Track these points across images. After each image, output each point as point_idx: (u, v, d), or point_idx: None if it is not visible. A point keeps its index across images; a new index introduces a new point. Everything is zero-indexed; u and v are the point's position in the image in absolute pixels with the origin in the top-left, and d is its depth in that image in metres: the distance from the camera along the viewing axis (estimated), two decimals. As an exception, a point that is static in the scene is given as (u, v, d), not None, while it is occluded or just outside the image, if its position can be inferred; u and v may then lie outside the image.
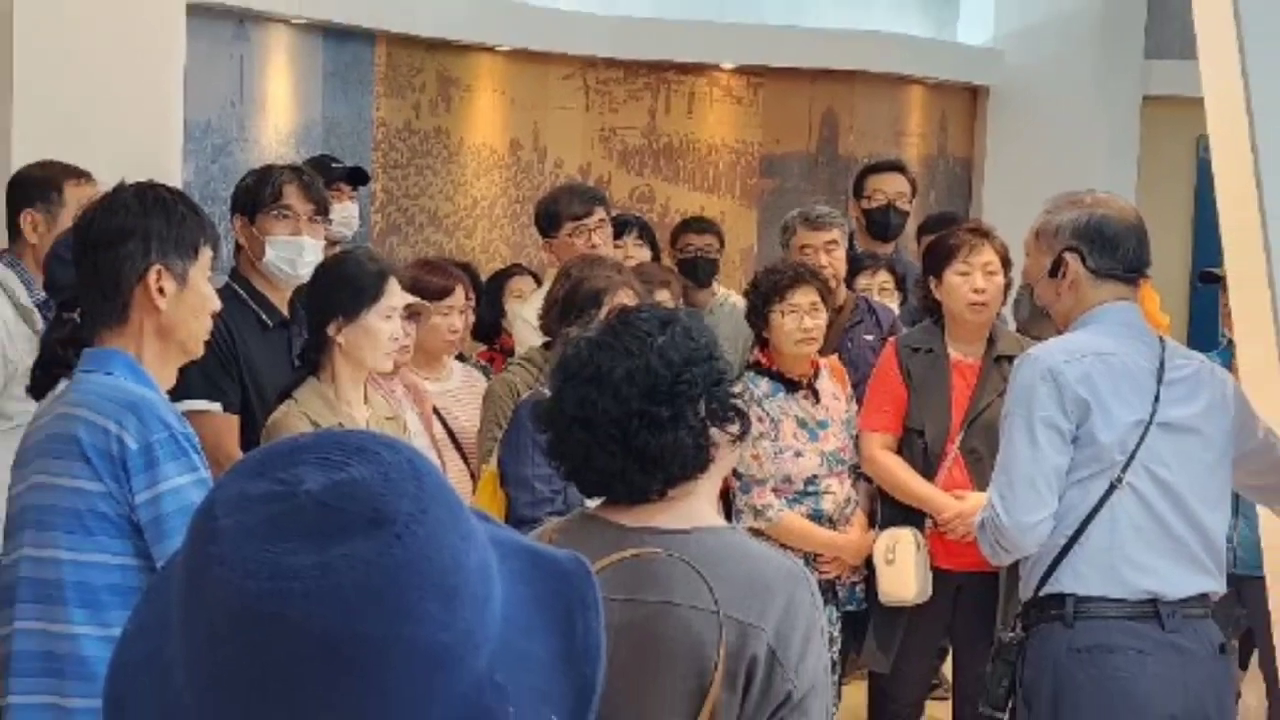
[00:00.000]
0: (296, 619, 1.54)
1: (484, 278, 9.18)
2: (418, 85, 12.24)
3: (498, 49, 12.68)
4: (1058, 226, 5.49)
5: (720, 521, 3.72)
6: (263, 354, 6.16)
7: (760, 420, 7.09)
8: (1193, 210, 14.77)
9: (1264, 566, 6.06)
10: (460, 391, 7.06)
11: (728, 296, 9.16)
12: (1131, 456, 5.26)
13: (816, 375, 7.44)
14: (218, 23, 10.51)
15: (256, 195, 6.52)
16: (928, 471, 7.34)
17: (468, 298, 7.42)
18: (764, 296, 7.40)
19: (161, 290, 4.33)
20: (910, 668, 7.62)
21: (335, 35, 11.58)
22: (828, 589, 7.18)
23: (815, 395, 7.40)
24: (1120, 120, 14.77)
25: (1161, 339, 5.48)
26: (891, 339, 7.75)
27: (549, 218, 8.22)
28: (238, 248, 6.56)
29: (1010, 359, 6.60)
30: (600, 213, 8.20)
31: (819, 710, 3.50)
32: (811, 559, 7.04)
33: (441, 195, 12.46)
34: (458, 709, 1.59)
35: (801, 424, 7.33)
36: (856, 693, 7.92)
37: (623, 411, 3.54)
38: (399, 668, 1.56)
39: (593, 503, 3.71)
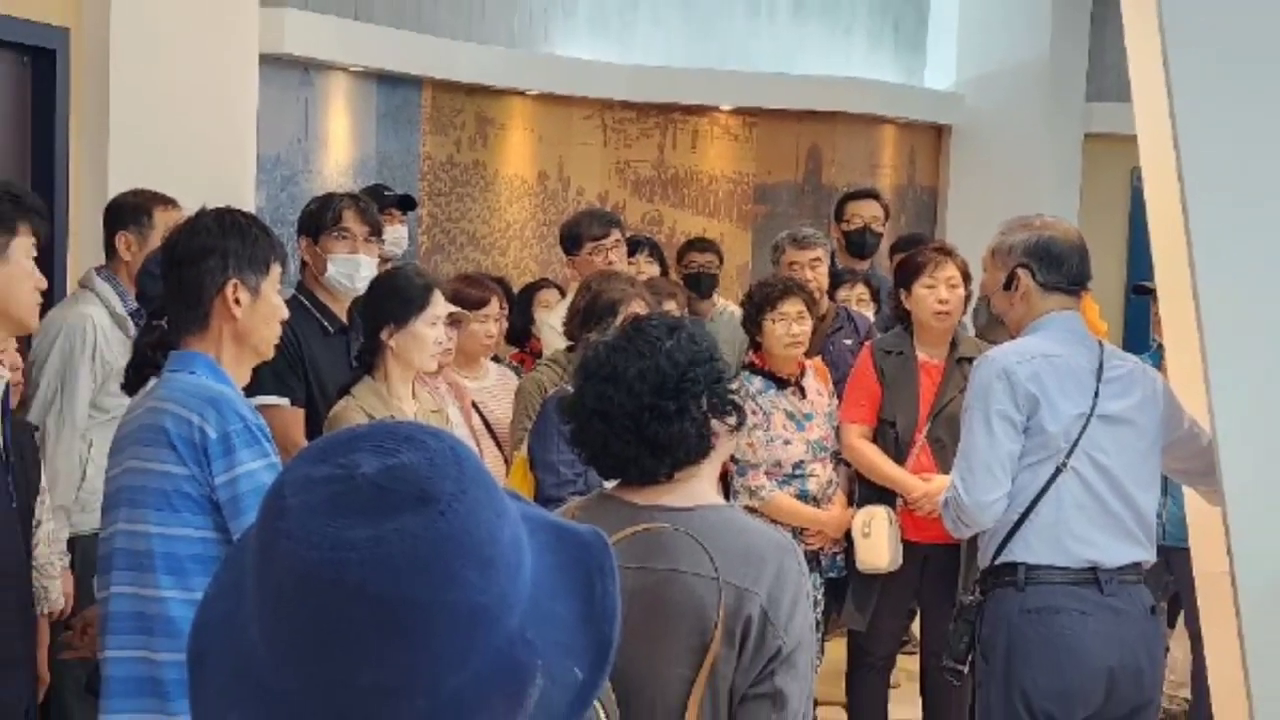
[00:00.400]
0: (353, 584, 1.56)
1: (516, 290, 9.15)
2: (458, 124, 12.22)
3: (527, 93, 12.65)
4: (1011, 246, 5.50)
5: (720, 500, 3.72)
6: (325, 356, 6.16)
7: (754, 413, 7.08)
8: (1127, 232, 14.73)
9: (1188, 539, 6.06)
10: (495, 388, 7.05)
11: (726, 307, 9.13)
12: (1075, 444, 5.27)
13: (803, 374, 7.43)
14: (286, 71, 10.51)
15: (319, 219, 6.53)
16: (899, 457, 7.32)
17: (501, 307, 7.42)
18: (757, 306, 7.39)
19: (238, 301, 4.34)
20: (884, 626, 7.60)
21: (387, 81, 11.57)
22: (812, 558, 7.17)
23: (802, 391, 7.39)
24: (1065, 154, 14.75)
25: (1100, 343, 5.48)
26: (868, 343, 7.73)
27: (572, 238, 8.22)
28: (303, 264, 6.56)
29: (970, 360, 6.57)
30: (616, 234, 8.19)
31: (805, 663, 3.50)
32: (798, 532, 7.03)
33: (479, 219, 12.44)
34: (493, 661, 1.60)
35: (790, 416, 7.32)
36: (837, 648, 7.91)
37: (635, 405, 3.54)
38: (442, 626, 1.58)
39: (610, 484, 3.71)
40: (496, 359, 7.55)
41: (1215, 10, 4.64)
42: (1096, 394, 5.30)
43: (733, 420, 3.67)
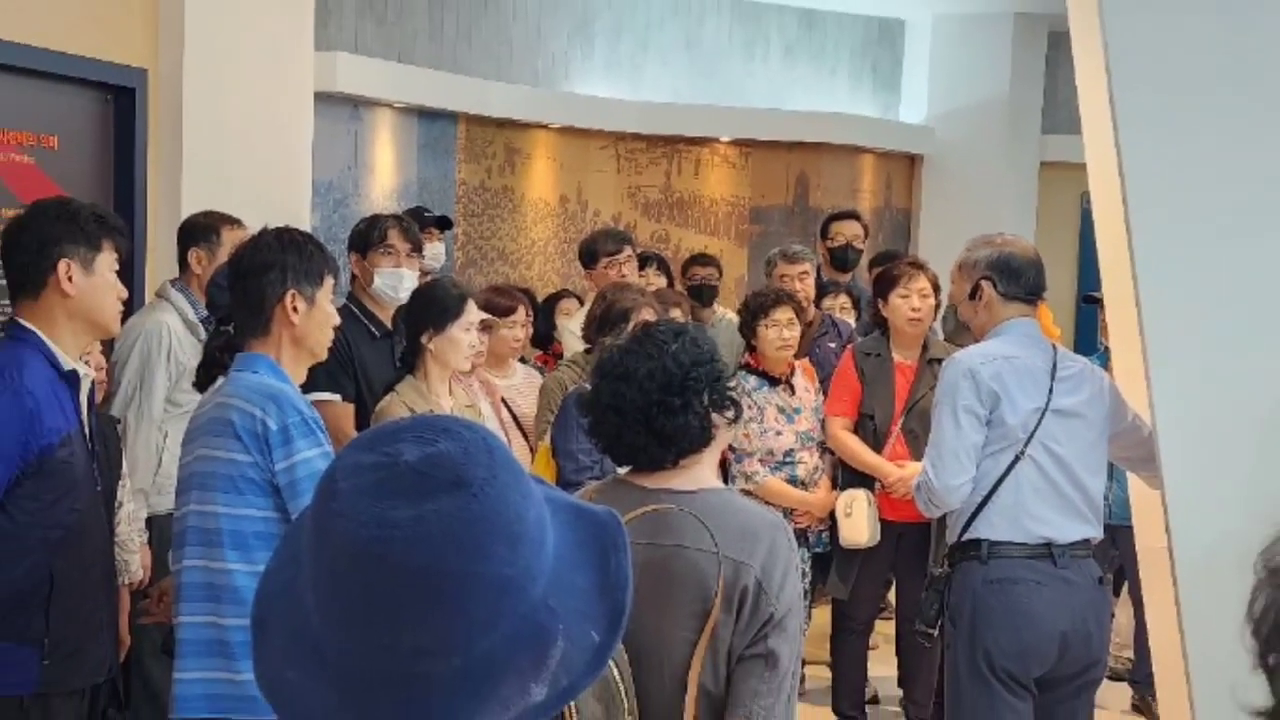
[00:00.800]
0: (397, 558, 1.56)
1: (540, 299, 9.16)
2: (489, 154, 12.22)
3: (550, 126, 12.65)
4: (975, 260, 5.49)
5: (719, 484, 3.72)
6: (372, 357, 6.16)
7: (749, 408, 7.08)
8: (1078, 248, 14.71)
9: (1131, 518, 6.04)
10: (522, 386, 7.05)
11: (725, 314, 9.12)
12: (1031, 435, 5.26)
13: (792, 374, 7.42)
14: (338, 106, 10.52)
15: (367, 237, 6.54)
16: (877, 446, 7.32)
17: (527, 315, 7.41)
18: (752, 314, 7.40)
19: (295, 309, 4.34)
20: (863, 595, 7.61)
21: (427, 116, 11.57)
22: (800, 535, 7.17)
23: (791, 389, 7.39)
24: (1023, 180, 14.74)
25: (1054, 346, 5.47)
26: (849, 346, 7.73)
27: (589, 254, 8.21)
28: (353, 277, 6.57)
29: (939, 361, 6.57)
30: (628, 250, 8.18)
31: (794, 627, 3.50)
32: (788, 513, 7.02)
33: (508, 237, 12.44)
34: (520, 625, 1.61)
35: (781, 410, 7.32)
36: (822, 614, 7.90)
37: (645, 401, 3.54)
38: (475, 595, 1.58)
39: (622, 470, 3.71)
40: (523, 360, 7.55)
41: (1156, 53, 4.63)
42: (1051, 391, 5.30)
43: (731, 414, 3.67)
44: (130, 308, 5.44)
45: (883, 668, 8.20)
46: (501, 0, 12.55)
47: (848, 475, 7.41)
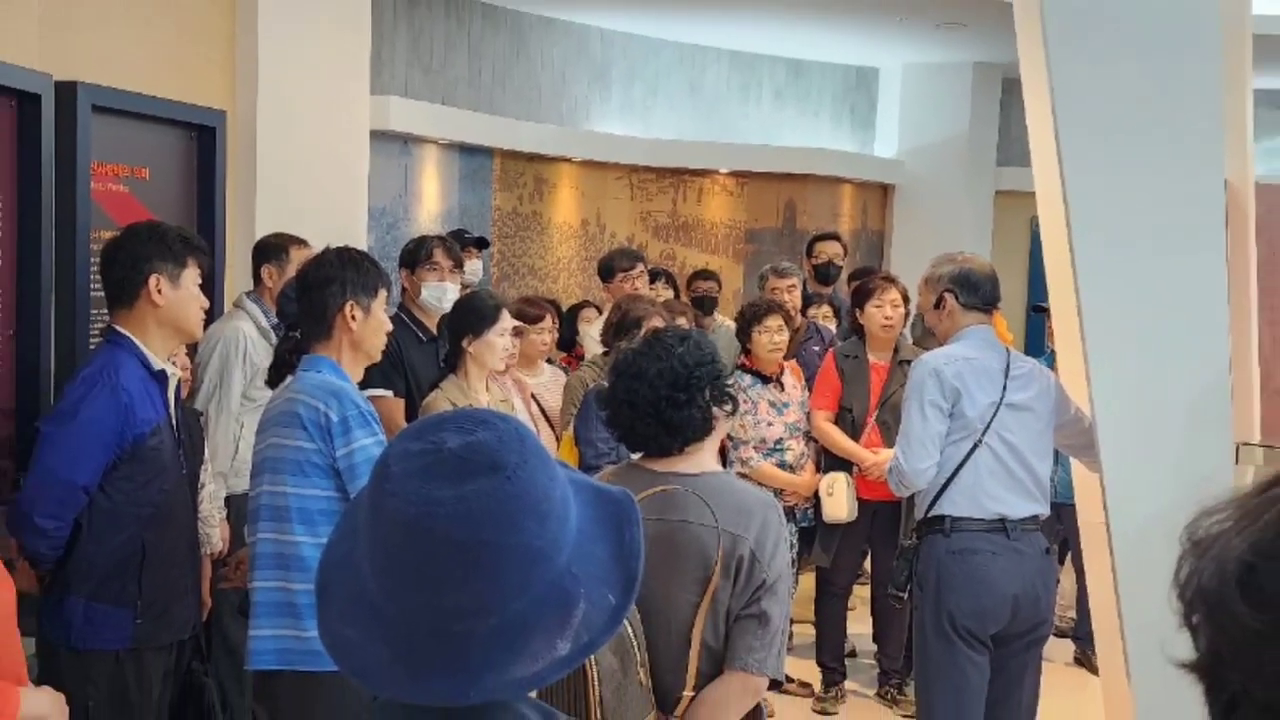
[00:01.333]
0: (441, 531, 1.57)
1: (564, 309, 9.15)
2: (521, 184, 12.21)
3: (573, 160, 12.64)
4: (940, 275, 5.48)
5: (719, 468, 3.72)
6: (420, 359, 6.16)
7: (745, 402, 7.07)
8: (1028, 265, 14.69)
9: (1074, 497, 6.03)
10: (549, 384, 7.04)
11: (724, 322, 9.11)
12: (988, 426, 5.25)
13: (782, 373, 7.41)
14: (391, 143, 10.52)
15: (415, 255, 6.54)
16: (854, 435, 7.31)
17: (554, 322, 7.41)
18: (747, 321, 7.39)
19: (354, 317, 4.34)
20: (843, 563, 7.59)
21: (466, 151, 11.57)
22: (789, 512, 7.15)
23: (781, 386, 7.38)
24: (980, 206, 14.72)
25: (1007, 349, 5.46)
26: (831, 349, 7.73)
27: (606, 270, 8.21)
28: (403, 289, 6.57)
29: (908, 362, 6.57)
30: (640, 267, 8.19)
31: (784, 591, 3.49)
32: (778, 493, 7.02)
33: (536, 255, 12.43)
34: (547, 589, 1.61)
35: (772, 404, 7.31)
36: (808, 580, 7.89)
37: (655, 396, 3.54)
38: (508, 563, 1.59)
39: (635, 456, 3.71)
40: (550, 361, 7.54)
41: (1094, 97, 4.63)
42: (1004, 388, 5.29)
43: (729, 408, 3.67)
44: (211, 316, 5.44)
45: (860, 626, 8.20)
46: (531, 51, 12.56)
47: (829, 460, 7.41)
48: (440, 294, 6.35)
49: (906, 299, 7.57)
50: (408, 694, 1.62)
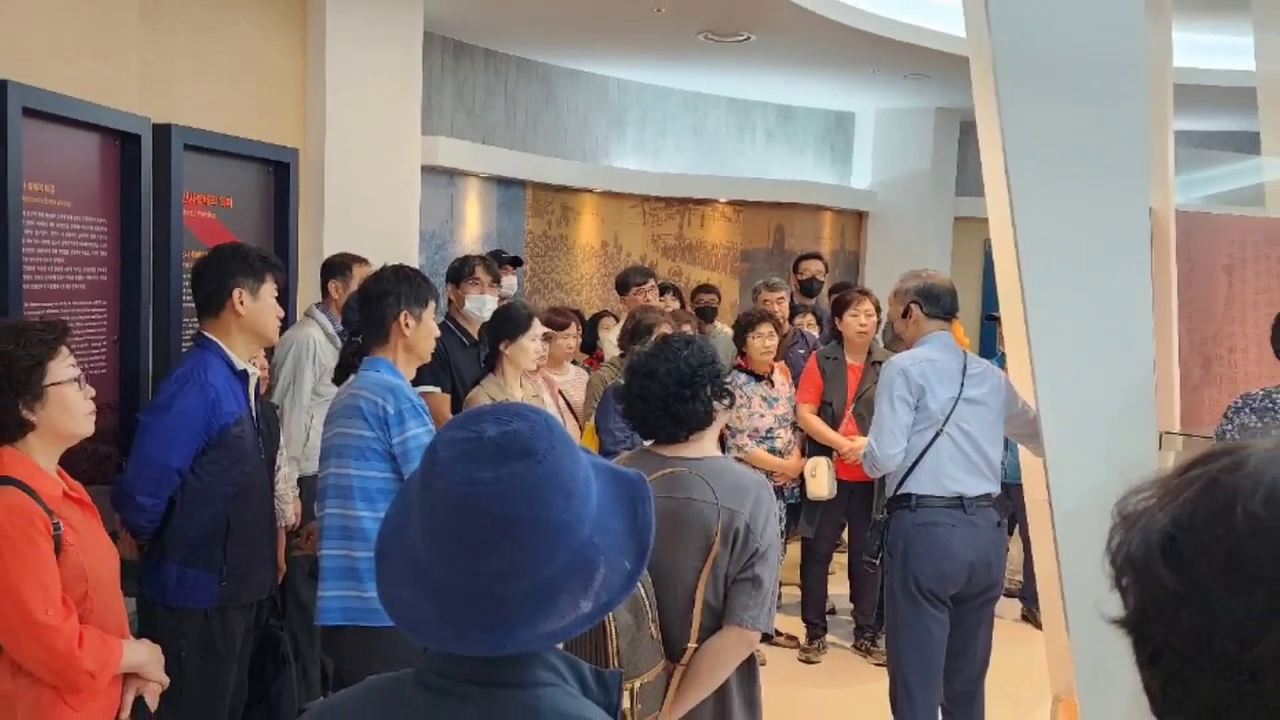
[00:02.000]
0: (482, 507, 1.56)
1: (587, 318, 9.16)
2: (550, 211, 12.22)
3: (594, 191, 12.65)
4: (907, 289, 5.48)
5: (718, 453, 3.72)
6: (463, 360, 6.17)
7: (740, 397, 7.08)
8: (982, 280, 14.69)
9: (1021, 478, 6.02)
10: (574, 382, 7.05)
11: (723, 329, 9.10)
12: (948, 417, 5.25)
13: (772, 372, 7.42)
14: (439, 176, 10.54)
15: (460, 272, 6.55)
16: (834, 425, 7.31)
17: (578, 329, 7.41)
18: (743, 329, 7.39)
19: (407, 325, 4.35)
20: (824, 534, 7.60)
21: (503, 183, 11.58)
22: (778, 491, 7.16)
23: (772, 383, 7.38)
24: (941, 230, 14.71)
25: (965, 352, 5.45)
26: (814, 353, 7.73)
27: (622, 284, 8.24)
28: (450, 301, 6.58)
29: (880, 363, 6.57)
30: (652, 282, 8.21)
31: (774, 558, 3.49)
32: (769, 474, 7.03)
33: (563, 272, 12.44)
34: (572, 557, 1.61)
35: (764, 399, 7.31)
36: (794, 549, 7.89)
37: (665, 393, 3.55)
38: (539, 534, 1.58)
39: (647, 443, 3.71)
40: (574, 362, 7.56)
41: (1039, 136, 4.62)
42: (962, 385, 5.29)
43: (727, 402, 3.68)
44: (285, 323, 5.46)
45: (838, 588, 8.20)
46: (558, 98, 12.56)
47: (812, 446, 7.41)
48: (481, 305, 6.36)
49: (879, 309, 7.58)
50: (453, 645, 1.61)
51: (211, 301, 4.45)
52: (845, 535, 7.93)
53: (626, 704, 3.24)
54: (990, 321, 9.38)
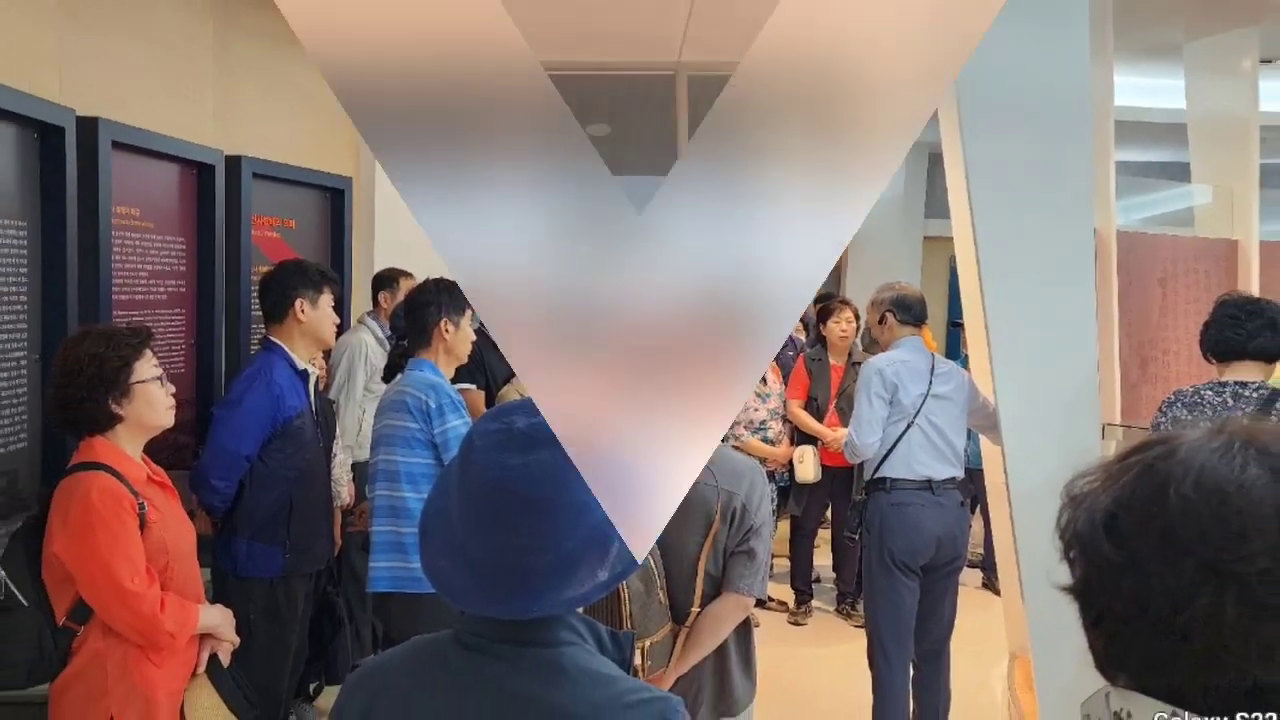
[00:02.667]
0: (512, 489, 1.56)
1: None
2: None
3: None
4: (883, 299, 5.47)
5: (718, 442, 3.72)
6: (496, 361, 6.15)
7: (736, 393, 7.07)
8: (948, 292, 14.66)
9: (982, 463, 6.01)
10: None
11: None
12: (918, 411, 5.23)
13: (765, 372, 7.41)
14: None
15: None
16: (819, 418, 7.31)
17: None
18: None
19: (447, 331, 4.35)
20: (810, 513, 7.59)
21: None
22: (770, 475, 7.15)
23: (764, 382, 7.38)
24: (911, 249, 14.67)
25: (933, 354, 5.45)
26: (801, 355, 7.72)
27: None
28: (483, 310, 6.58)
29: (859, 364, 6.58)
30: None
31: (767, 534, 3.48)
32: (763, 461, 7.02)
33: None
34: (590, 533, 1.60)
35: (757, 395, 7.30)
36: (784, 526, 7.88)
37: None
38: (562, 512, 1.58)
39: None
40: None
41: (997, 166, 4.62)
42: (930, 383, 5.27)
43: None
44: (341, 329, 5.47)
45: (823, 559, 8.20)
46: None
47: (800, 436, 7.40)
48: (510, 313, 6.35)
49: (858, 317, 7.57)
50: (486, 610, 1.61)
51: (276, 310, 4.47)
52: (829, 514, 7.93)
53: (638, 661, 3.24)
54: (955, 327, 9.40)
